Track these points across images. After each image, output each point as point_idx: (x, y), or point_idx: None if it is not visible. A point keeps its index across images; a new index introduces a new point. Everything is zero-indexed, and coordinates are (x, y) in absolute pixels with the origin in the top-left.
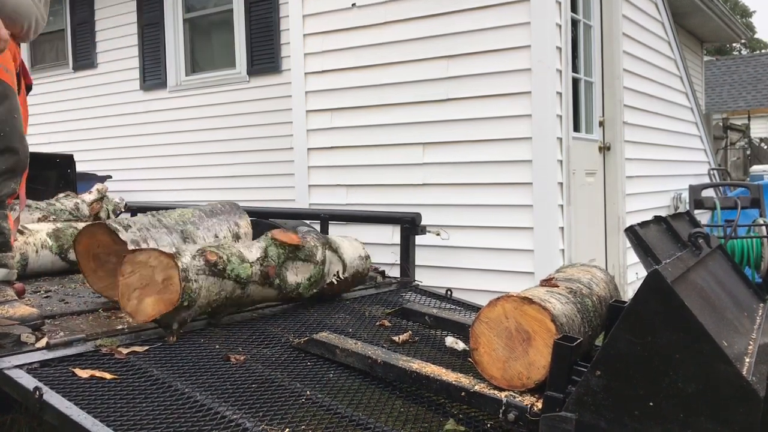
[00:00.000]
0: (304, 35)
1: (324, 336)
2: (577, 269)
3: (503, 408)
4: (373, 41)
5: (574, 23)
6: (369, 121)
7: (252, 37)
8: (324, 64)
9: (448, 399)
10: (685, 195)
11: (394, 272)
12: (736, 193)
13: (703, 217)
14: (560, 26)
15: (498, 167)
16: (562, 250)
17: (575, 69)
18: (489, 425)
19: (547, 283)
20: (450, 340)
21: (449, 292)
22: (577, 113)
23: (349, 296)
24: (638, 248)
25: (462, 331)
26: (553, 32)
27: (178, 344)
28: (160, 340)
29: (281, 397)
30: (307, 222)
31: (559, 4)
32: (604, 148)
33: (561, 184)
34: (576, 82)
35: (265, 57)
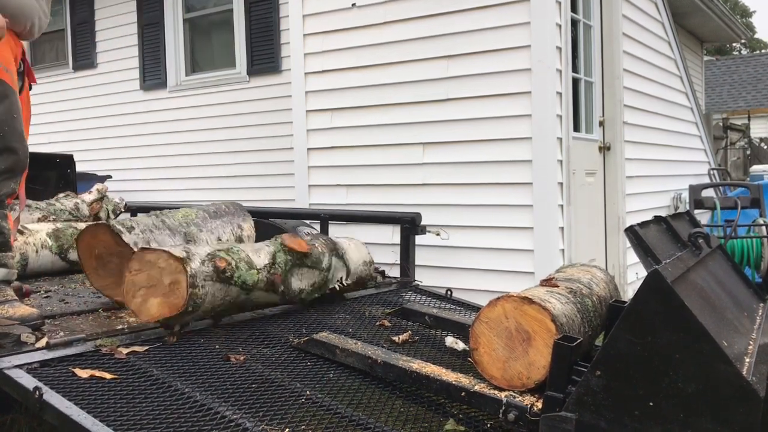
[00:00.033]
0: (304, 35)
1: (324, 336)
2: (577, 269)
3: (503, 408)
4: (373, 41)
5: (574, 23)
6: (369, 121)
7: (252, 37)
8: (324, 64)
9: (448, 399)
10: (685, 195)
11: (394, 272)
12: (736, 193)
13: (703, 217)
14: (560, 26)
15: (498, 167)
16: (562, 250)
17: (575, 69)
18: (489, 425)
19: (547, 283)
20: (450, 340)
21: (449, 292)
22: (577, 113)
23: (349, 296)
24: (638, 248)
25: (462, 331)
26: (553, 32)
27: (178, 344)
28: (160, 340)
29: (281, 397)
30: (307, 222)
31: (559, 4)
32: (604, 148)
33: (561, 184)
34: (576, 82)
35: (265, 57)
